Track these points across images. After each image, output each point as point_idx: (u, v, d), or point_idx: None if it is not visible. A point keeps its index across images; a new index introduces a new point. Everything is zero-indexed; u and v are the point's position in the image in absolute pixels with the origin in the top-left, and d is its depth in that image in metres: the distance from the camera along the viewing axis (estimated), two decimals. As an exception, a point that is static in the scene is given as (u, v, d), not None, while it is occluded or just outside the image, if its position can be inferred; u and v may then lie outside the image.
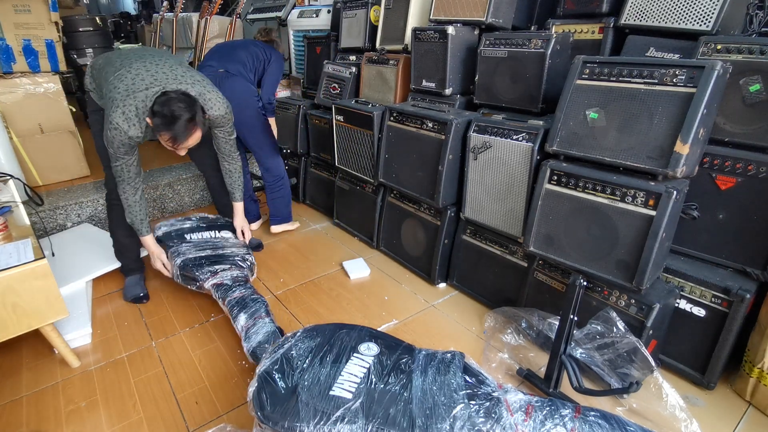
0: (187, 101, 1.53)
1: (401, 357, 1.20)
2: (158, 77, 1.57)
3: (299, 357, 1.19)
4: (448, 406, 1.05)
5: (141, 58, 1.64)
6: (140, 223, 1.81)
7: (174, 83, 1.57)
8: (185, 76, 1.63)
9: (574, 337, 1.47)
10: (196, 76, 1.68)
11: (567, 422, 1.07)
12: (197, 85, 1.64)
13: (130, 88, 1.53)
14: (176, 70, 1.63)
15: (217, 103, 1.70)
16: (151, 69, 1.59)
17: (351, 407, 1.03)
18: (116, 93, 1.53)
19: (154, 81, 1.55)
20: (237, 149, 1.97)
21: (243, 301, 1.72)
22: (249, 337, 1.58)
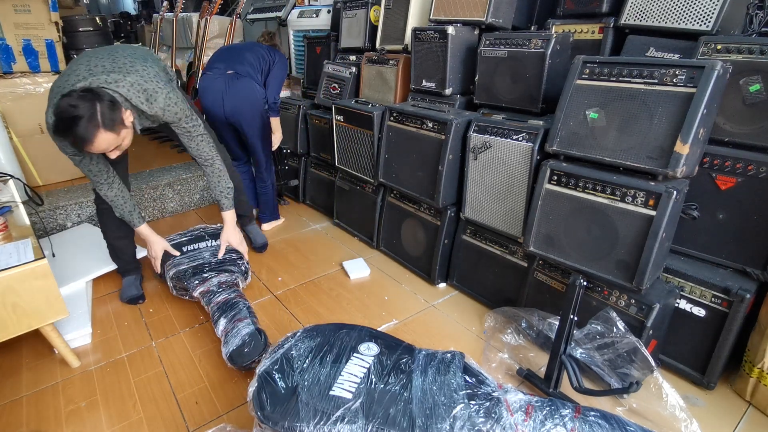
0: (85, 97, 1.30)
1: (401, 357, 1.20)
2: (95, 71, 1.42)
3: (299, 357, 1.19)
4: (448, 406, 1.05)
5: (93, 54, 1.52)
6: (130, 215, 1.78)
7: (103, 74, 1.40)
8: (126, 65, 1.47)
9: (574, 337, 1.47)
10: (139, 67, 1.49)
11: (567, 422, 1.07)
12: (133, 75, 1.45)
13: (63, 85, 1.40)
14: (118, 61, 1.48)
15: (155, 94, 1.49)
16: (91, 63, 1.45)
17: (351, 407, 1.03)
18: (51, 93, 1.43)
19: (88, 74, 1.40)
20: (210, 151, 1.78)
21: (225, 305, 1.71)
22: (227, 342, 1.56)
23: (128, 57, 1.53)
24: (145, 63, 1.54)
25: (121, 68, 1.46)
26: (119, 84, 1.42)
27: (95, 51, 1.56)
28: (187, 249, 2.07)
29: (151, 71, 1.53)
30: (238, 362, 1.51)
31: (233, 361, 1.52)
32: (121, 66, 1.47)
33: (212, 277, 1.88)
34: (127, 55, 1.54)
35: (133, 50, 1.61)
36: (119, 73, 1.44)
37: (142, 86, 1.47)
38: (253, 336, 1.57)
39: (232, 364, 1.52)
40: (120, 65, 1.47)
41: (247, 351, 1.52)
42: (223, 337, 1.59)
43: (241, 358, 1.51)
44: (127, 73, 1.45)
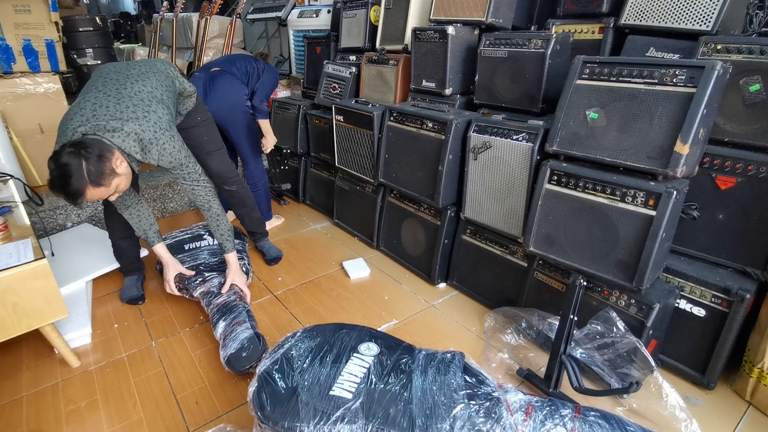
0: (73, 154, 1.31)
1: (401, 357, 1.20)
2: (98, 112, 1.42)
3: (299, 357, 1.19)
4: (448, 406, 1.05)
5: (104, 86, 1.50)
6: (145, 234, 1.80)
7: (103, 119, 1.40)
8: (128, 110, 1.44)
9: (574, 337, 1.47)
10: (141, 110, 1.46)
11: (567, 422, 1.07)
12: (132, 123, 1.43)
13: (67, 124, 1.42)
14: (123, 102, 1.45)
15: (150, 145, 1.47)
16: (98, 101, 1.44)
17: (351, 407, 1.03)
18: (59, 130, 1.45)
19: (92, 116, 1.41)
20: (206, 195, 1.73)
21: (224, 308, 1.71)
22: (226, 345, 1.56)
23: (134, 98, 1.49)
24: (149, 106, 1.50)
25: (122, 115, 1.43)
26: (115, 134, 1.41)
27: (106, 84, 1.51)
28: (189, 247, 2.09)
29: (153, 117, 1.48)
30: (236, 367, 1.50)
31: (231, 365, 1.51)
32: (122, 111, 1.44)
33: (213, 277, 1.89)
34: (134, 94, 1.50)
35: (143, 83, 1.55)
36: (119, 120, 1.42)
37: (139, 136, 1.44)
38: (252, 340, 1.56)
39: (230, 368, 1.52)
40: (122, 109, 1.44)
41: (245, 355, 1.52)
42: (222, 340, 1.59)
43: (239, 362, 1.51)
44: (126, 120, 1.43)
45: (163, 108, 1.55)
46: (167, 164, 1.56)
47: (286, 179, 3.17)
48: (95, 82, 1.55)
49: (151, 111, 1.49)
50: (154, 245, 1.83)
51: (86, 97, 1.48)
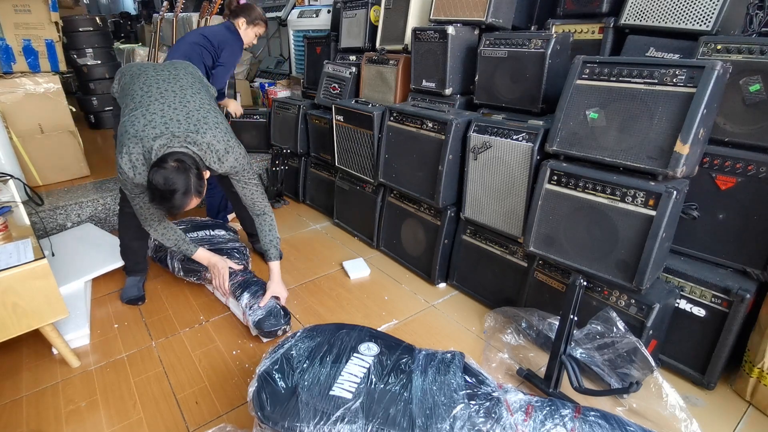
0: (179, 170, 1.36)
1: (401, 357, 1.20)
2: (171, 124, 1.45)
3: (299, 357, 1.19)
4: (448, 406, 1.05)
5: (162, 96, 1.53)
6: (183, 243, 1.76)
7: (184, 132, 1.45)
8: (200, 122, 1.50)
9: (574, 337, 1.47)
10: (211, 122, 1.53)
11: (567, 422, 1.07)
12: (208, 134, 1.49)
13: (140, 134, 1.43)
14: (192, 115, 1.51)
15: (226, 155, 1.54)
16: (167, 113, 1.48)
17: (351, 407, 1.04)
18: (126, 137, 1.44)
19: (165, 128, 1.44)
20: (263, 201, 1.78)
21: (245, 283, 1.85)
22: (254, 312, 1.73)
23: (201, 110, 1.54)
24: (216, 114, 1.58)
25: (196, 126, 1.49)
26: (196, 147, 1.47)
27: (164, 95, 1.54)
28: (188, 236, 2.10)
29: (222, 127, 1.55)
30: (264, 329, 1.68)
31: (260, 327, 1.68)
32: (195, 123, 1.49)
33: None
34: (199, 106, 1.55)
35: (197, 93, 1.61)
36: (196, 133, 1.47)
37: (215, 147, 1.51)
38: (276, 309, 1.75)
39: (259, 330, 1.68)
40: (194, 122, 1.49)
41: (273, 320, 1.70)
42: (248, 309, 1.74)
43: (267, 325, 1.68)
44: (203, 133, 1.48)
45: (220, 115, 1.61)
46: (235, 171, 1.63)
47: (288, 179, 3.17)
48: (149, 90, 1.55)
49: (218, 121, 1.56)
50: (194, 253, 1.79)
51: (149, 108, 1.49)
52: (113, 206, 2.63)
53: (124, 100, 1.57)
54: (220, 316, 1.89)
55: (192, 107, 1.54)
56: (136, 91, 1.55)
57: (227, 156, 1.55)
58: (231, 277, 1.87)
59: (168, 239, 1.73)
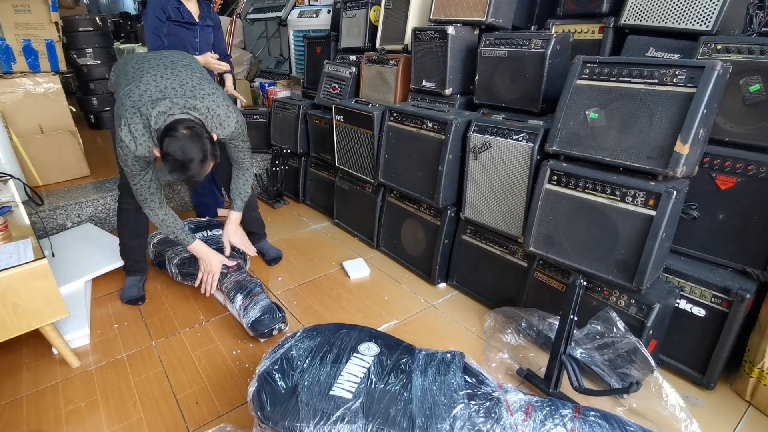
0: (192, 139, 1.36)
1: (401, 357, 1.20)
2: (166, 91, 1.46)
3: (299, 357, 1.19)
4: (448, 406, 1.05)
5: (154, 69, 1.53)
6: (182, 232, 1.74)
7: (181, 97, 1.45)
8: (195, 88, 1.51)
9: (574, 337, 1.47)
10: (207, 88, 1.54)
11: (567, 422, 1.07)
12: (206, 99, 1.50)
13: (137, 104, 1.42)
14: (186, 82, 1.52)
15: (227, 119, 1.56)
16: (160, 83, 1.48)
17: (351, 407, 1.03)
18: (123, 110, 1.43)
19: (161, 95, 1.44)
20: (251, 159, 1.86)
21: (239, 284, 1.84)
22: (247, 313, 1.72)
23: (194, 78, 1.56)
24: (211, 83, 1.59)
25: (193, 92, 1.49)
26: (197, 112, 1.46)
27: (156, 68, 1.55)
28: None
29: (219, 92, 1.57)
30: (259, 330, 1.67)
31: (254, 328, 1.68)
32: (192, 89, 1.50)
33: None
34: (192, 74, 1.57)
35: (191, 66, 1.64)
36: (194, 98, 1.47)
37: (215, 111, 1.52)
38: (270, 307, 1.74)
39: (254, 332, 1.69)
40: (190, 88, 1.50)
41: (266, 320, 1.69)
42: (242, 310, 1.74)
43: (262, 325, 1.68)
44: (201, 98, 1.49)
45: (215, 83, 1.64)
46: (236, 135, 1.66)
47: (288, 179, 3.17)
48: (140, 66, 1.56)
49: (213, 87, 1.57)
50: (191, 244, 1.77)
51: (143, 80, 1.48)
52: (113, 206, 2.63)
53: (118, 83, 1.59)
54: (220, 316, 1.89)
55: (184, 76, 1.54)
56: (128, 71, 1.57)
57: (228, 120, 1.56)
58: (225, 278, 1.87)
59: (167, 225, 1.70)
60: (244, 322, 1.71)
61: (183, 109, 1.43)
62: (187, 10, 2.24)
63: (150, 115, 1.40)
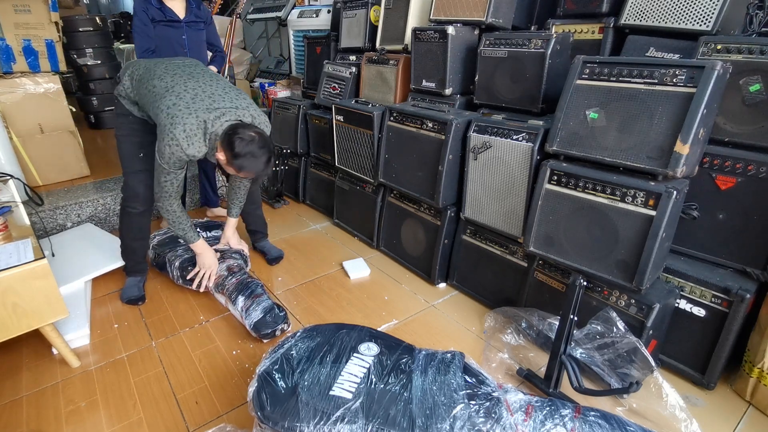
0: (262, 140, 1.52)
1: (401, 357, 1.21)
2: (215, 100, 1.58)
3: (299, 357, 1.19)
4: (448, 406, 1.05)
5: (192, 77, 1.64)
6: (190, 229, 1.81)
7: (232, 110, 1.57)
8: (237, 99, 1.63)
9: (574, 337, 1.47)
10: (242, 101, 1.65)
11: (567, 422, 1.07)
12: (250, 109, 1.63)
13: (191, 107, 1.52)
14: (228, 93, 1.63)
15: (266, 129, 1.67)
16: (207, 90, 1.59)
17: (351, 407, 1.03)
18: (176, 110, 1.51)
19: (212, 103, 1.56)
20: None
21: (239, 286, 1.84)
22: (249, 314, 1.72)
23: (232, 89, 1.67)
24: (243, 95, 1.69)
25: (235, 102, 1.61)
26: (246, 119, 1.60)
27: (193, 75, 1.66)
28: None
29: (254, 103, 1.69)
30: (262, 330, 1.67)
31: (257, 329, 1.68)
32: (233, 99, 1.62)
33: (221, 262, 1.96)
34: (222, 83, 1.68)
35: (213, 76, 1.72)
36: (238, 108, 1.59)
37: (258, 120, 1.64)
38: (272, 308, 1.75)
39: (257, 333, 1.68)
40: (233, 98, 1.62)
41: (269, 320, 1.70)
42: (244, 312, 1.74)
43: (265, 326, 1.68)
44: (244, 108, 1.61)
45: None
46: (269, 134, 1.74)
47: (288, 179, 3.17)
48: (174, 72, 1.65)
49: (247, 98, 1.69)
50: (195, 242, 1.84)
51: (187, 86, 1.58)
52: (113, 206, 2.63)
53: (147, 87, 1.62)
54: (220, 316, 1.89)
55: (220, 85, 1.66)
56: (162, 76, 1.62)
57: (267, 130, 1.66)
58: (226, 280, 1.87)
59: (179, 221, 1.76)
60: (247, 323, 1.71)
61: (234, 116, 1.56)
62: (170, 9, 2.22)
63: (207, 118, 1.52)
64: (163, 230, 2.23)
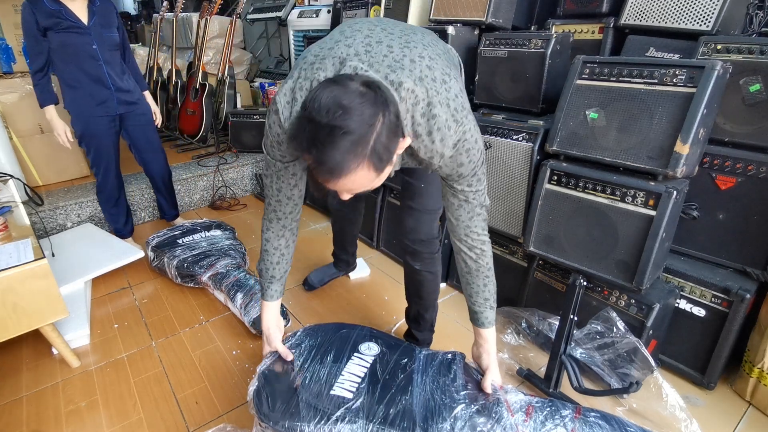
0: (367, 98, 0.75)
1: (402, 357, 1.21)
2: (374, 49, 0.89)
3: (300, 356, 1.19)
4: (448, 407, 1.05)
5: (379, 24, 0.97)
6: (266, 272, 1.23)
7: (384, 63, 0.87)
8: (420, 63, 0.89)
9: (574, 337, 1.47)
10: (437, 71, 0.90)
11: (567, 423, 1.07)
12: (424, 82, 0.87)
13: (319, 55, 0.91)
14: (412, 49, 0.90)
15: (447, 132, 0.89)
16: (374, 34, 0.93)
17: (352, 407, 1.04)
18: (301, 61, 0.94)
19: (363, 51, 0.89)
20: (486, 227, 1.12)
21: (238, 283, 1.86)
22: (248, 311, 1.72)
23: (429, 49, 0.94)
24: (449, 70, 0.94)
25: (412, 66, 0.88)
26: (396, 92, 0.85)
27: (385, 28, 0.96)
28: (183, 241, 2.16)
29: (454, 86, 0.92)
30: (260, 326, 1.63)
31: (256, 326, 1.68)
32: (413, 61, 0.89)
33: (217, 261, 1.99)
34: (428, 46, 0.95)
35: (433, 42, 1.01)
36: (403, 70, 0.87)
37: (429, 105, 0.88)
38: None
39: (256, 329, 1.68)
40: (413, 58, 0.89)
41: None
42: (243, 308, 1.74)
43: None
44: (418, 78, 0.87)
45: (459, 77, 1.02)
46: (452, 168, 0.96)
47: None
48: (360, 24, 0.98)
49: (452, 77, 0.93)
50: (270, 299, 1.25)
51: (354, 27, 0.96)
52: (113, 206, 2.63)
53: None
54: (220, 316, 1.89)
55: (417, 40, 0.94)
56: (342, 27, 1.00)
57: (446, 132, 0.89)
58: (223, 278, 1.89)
59: (265, 250, 1.21)
60: (246, 320, 1.71)
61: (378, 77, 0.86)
62: (71, 11, 1.87)
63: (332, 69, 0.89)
64: (161, 232, 2.23)
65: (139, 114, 2.21)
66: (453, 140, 0.90)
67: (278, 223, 1.16)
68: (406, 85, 0.86)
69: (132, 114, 2.18)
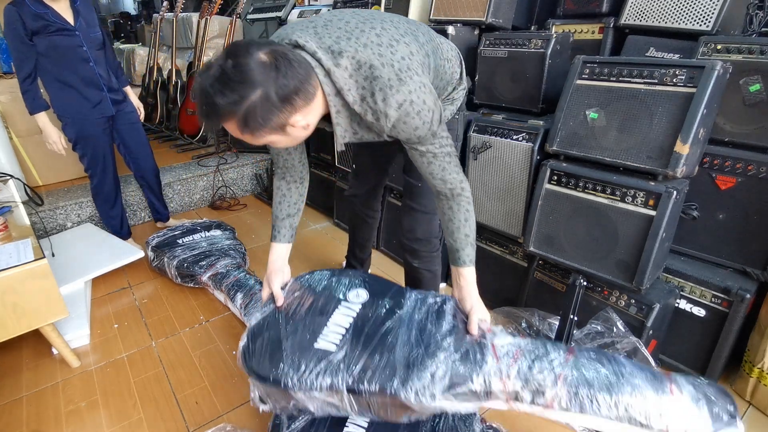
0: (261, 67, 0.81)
1: (390, 303, 1.18)
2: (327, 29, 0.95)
3: (288, 309, 1.19)
4: (432, 354, 1.02)
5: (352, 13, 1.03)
6: (275, 218, 1.33)
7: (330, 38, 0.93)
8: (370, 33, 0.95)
9: (574, 337, 1.47)
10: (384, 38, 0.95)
11: (556, 367, 1.00)
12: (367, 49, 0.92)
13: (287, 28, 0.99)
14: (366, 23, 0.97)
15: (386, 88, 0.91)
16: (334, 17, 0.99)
17: (333, 360, 1.02)
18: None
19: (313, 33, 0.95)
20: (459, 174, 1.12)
21: (238, 283, 1.85)
22: (249, 312, 1.70)
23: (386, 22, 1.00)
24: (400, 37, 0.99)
25: (360, 37, 0.93)
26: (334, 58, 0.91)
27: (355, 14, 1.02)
28: (183, 241, 2.16)
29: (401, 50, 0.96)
30: None
31: None
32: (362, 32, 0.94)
33: (217, 261, 2.00)
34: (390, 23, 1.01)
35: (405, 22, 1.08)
36: (348, 40, 0.92)
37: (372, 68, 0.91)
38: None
39: None
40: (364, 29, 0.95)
41: None
42: (243, 308, 1.73)
43: None
44: (363, 45, 0.92)
45: (420, 48, 1.03)
46: (409, 132, 0.99)
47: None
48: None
49: (401, 43, 0.97)
50: (275, 240, 1.33)
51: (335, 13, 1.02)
52: (113, 206, 2.62)
53: None
54: (220, 316, 1.89)
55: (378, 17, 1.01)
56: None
57: (388, 93, 0.91)
58: (223, 278, 1.89)
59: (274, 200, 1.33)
60: (246, 320, 1.71)
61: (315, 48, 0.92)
62: (57, 13, 1.82)
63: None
64: (161, 232, 2.23)
65: (128, 112, 2.20)
66: (397, 100, 0.93)
67: (279, 172, 1.31)
68: (348, 53, 0.91)
69: (122, 113, 2.17)
